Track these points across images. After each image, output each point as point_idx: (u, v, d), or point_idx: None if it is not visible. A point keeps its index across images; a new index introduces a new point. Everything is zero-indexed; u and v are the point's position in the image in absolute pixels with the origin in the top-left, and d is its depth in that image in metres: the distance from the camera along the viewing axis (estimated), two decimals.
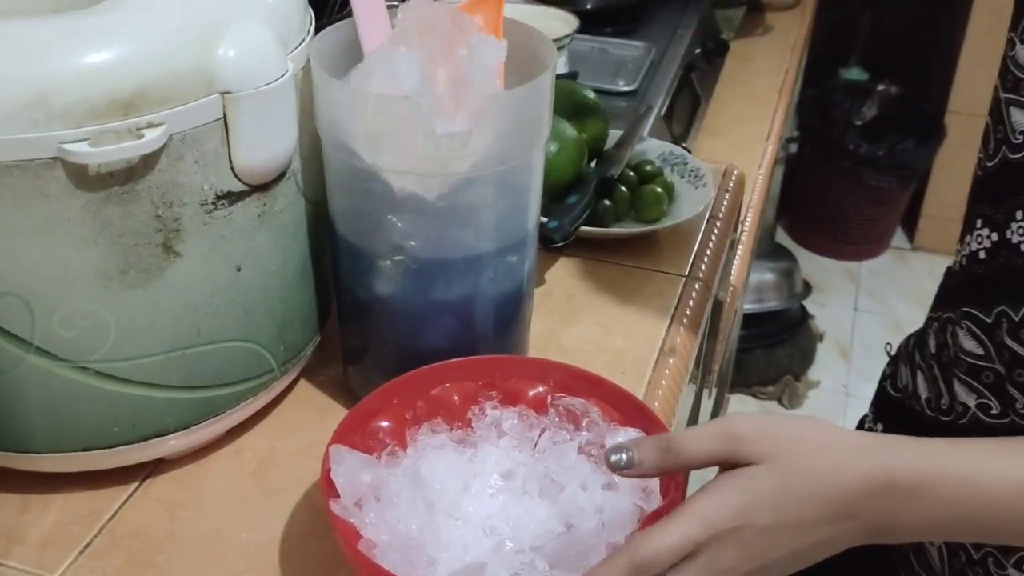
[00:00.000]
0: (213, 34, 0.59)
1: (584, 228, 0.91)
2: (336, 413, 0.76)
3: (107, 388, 0.63)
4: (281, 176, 0.65)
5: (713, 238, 0.98)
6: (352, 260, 0.70)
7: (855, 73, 2.79)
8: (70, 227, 0.57)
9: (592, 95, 1.01)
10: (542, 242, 0.86)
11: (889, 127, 2.63)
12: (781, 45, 2.06)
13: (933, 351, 0.76)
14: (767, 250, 2.25)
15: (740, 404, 2.29)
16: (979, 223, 0.67)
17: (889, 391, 0.84)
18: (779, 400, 2.29)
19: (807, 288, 2.33)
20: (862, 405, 0.94)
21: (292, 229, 0.68)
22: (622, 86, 1.55)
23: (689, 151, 1.48)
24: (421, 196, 0.64)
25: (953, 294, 0.72)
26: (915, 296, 2.64)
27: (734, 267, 1.47)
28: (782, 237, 2.84)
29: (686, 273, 0.92)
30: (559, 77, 1.34)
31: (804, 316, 2.39)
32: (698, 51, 1.81)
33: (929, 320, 0.78)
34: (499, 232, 0.68)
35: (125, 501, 0.68)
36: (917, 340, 0.81)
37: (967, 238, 0.68)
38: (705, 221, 0.99)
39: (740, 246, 1.48)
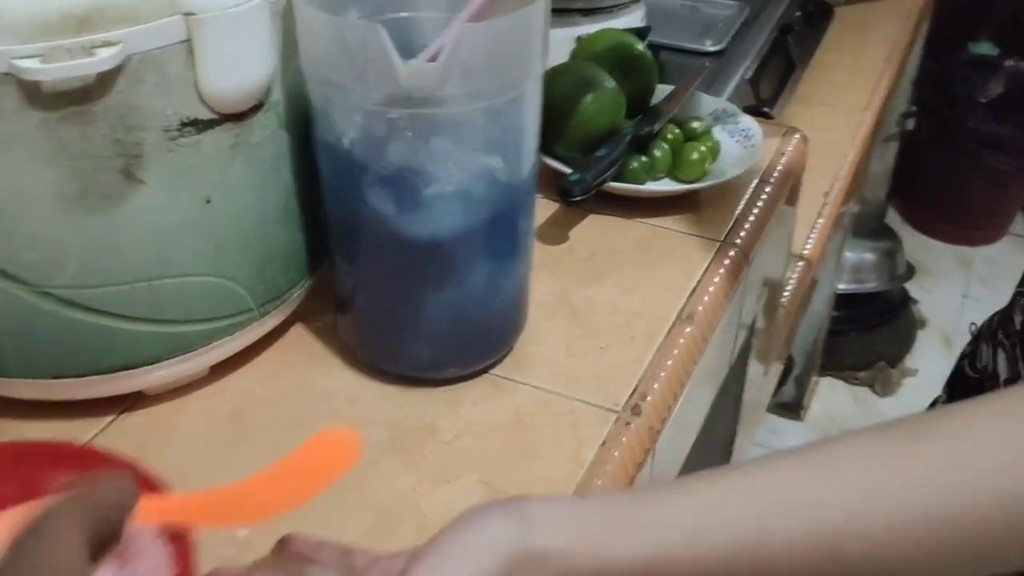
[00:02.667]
0: None
1: (614, 184, 0.86)
2: (325, 360, 0.73)
3: (70, 315, 0.62)
4: (258, 107, 0.62)
5: (760, 203, 0.92)
6: (338, 200, 0.67)
7: (985, 48, 2.62)
8: (26, 146, 0.56)
9: (640, 47, 0.95)
10: (560, 195, 0.82)
11: (1016, 106, 2.47)
12: (899, 13, 1.94)
13: (1019, 328, 0.69)
14: (870, 229, 2.14)
15: (830, 388, 2.19)
16: None
17: (967, 371, 0.78)
18: (872, 386, 2.19)
19: (910, 270, 2.22)
20: None
21: (271, 163, 0.65)
22: (708, 46, 1.49)
23: (767, 113, 1.41)
24: (403, 130, 0.61)
25: None
26: None
27: (810, 240, 1.40)
28: (893, 217, 2.71)
29: (721, 238, 0.86)
30: (630, 31, 1.29)
31: (906, 300, 2.27)
32: (797, 13, 1.73)
33: (1016, 295, 0.72)
34: (487, 169, 0.64)
35: (96, 435, 0.67)
36: (1002, 317, 0.75)
37: None
38: (753, 185, 0.93)
39: (820, 219, 1.41)
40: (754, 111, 1.40)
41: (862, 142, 1.58)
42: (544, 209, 0.89)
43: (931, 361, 2.26)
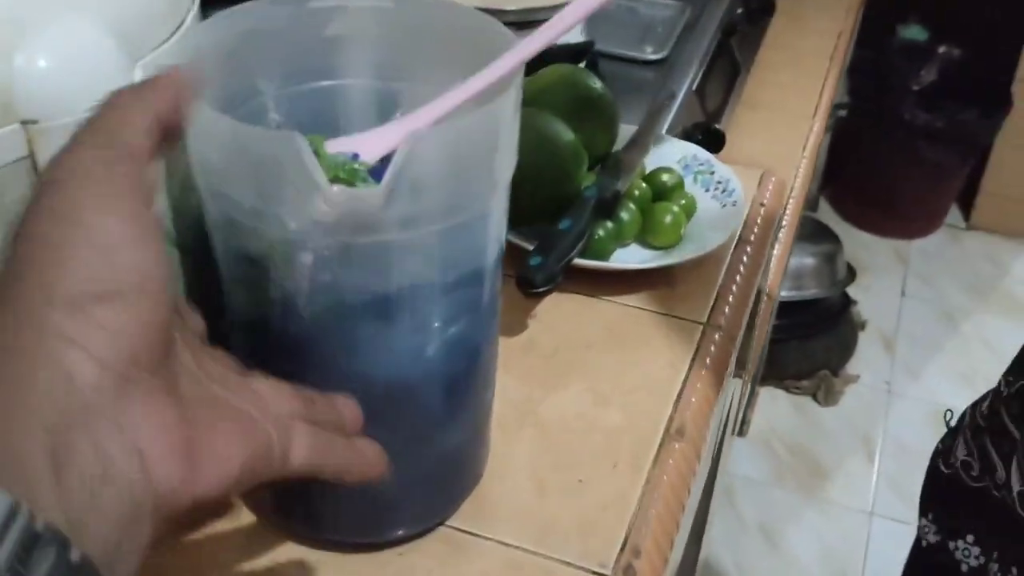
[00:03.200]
0: (13, 34, 0.40)
1: (579, 260, 0.72)
2: (225, 529, 0.58)
3: None
4: None
5: (741, 269, 0.79)
6: (244, 336, 0.52)
7: (914, 32, 2.54)
8: None
9: (599, 86, 0.81)
10: (519, 286, 0.68)
11: (949, 94, 2.40)
12: (834, 3, 1.84)
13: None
14: (808, 231, 2.04)
15: (771, 399, 2.10)
16: None
17: (942, 469, 0.70)
18: (814, 396, 2.10)
19: (851, 274, 2.13)
20: (905, 404, 0.83)
21: None
22: (649, 54, 1.36)
23: (718, 135, 1.29)
24: (330, 262, 0.46)
25: None
26: (967, 281, 2.43)
27: (772, 263, 1.29)
28: (825, 210, 2.63)
29: (704, 320, 0.74)
30: (570, 48, 1.14)
31: (846, 303, 2.18)
32: (740, 11, 1.61)
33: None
34: (440, 303, 0.50)
35: None
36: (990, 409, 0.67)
37: None
38: (732, 248, 0.80)
39: (778, 245, 1.29)
40: (706, 131, 1.28)
41: (812, 154, 1.47)
42: None
43: (873, 366, 2.17)
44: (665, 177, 0.81)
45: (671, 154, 0.85)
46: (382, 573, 0.55)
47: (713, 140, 1.31)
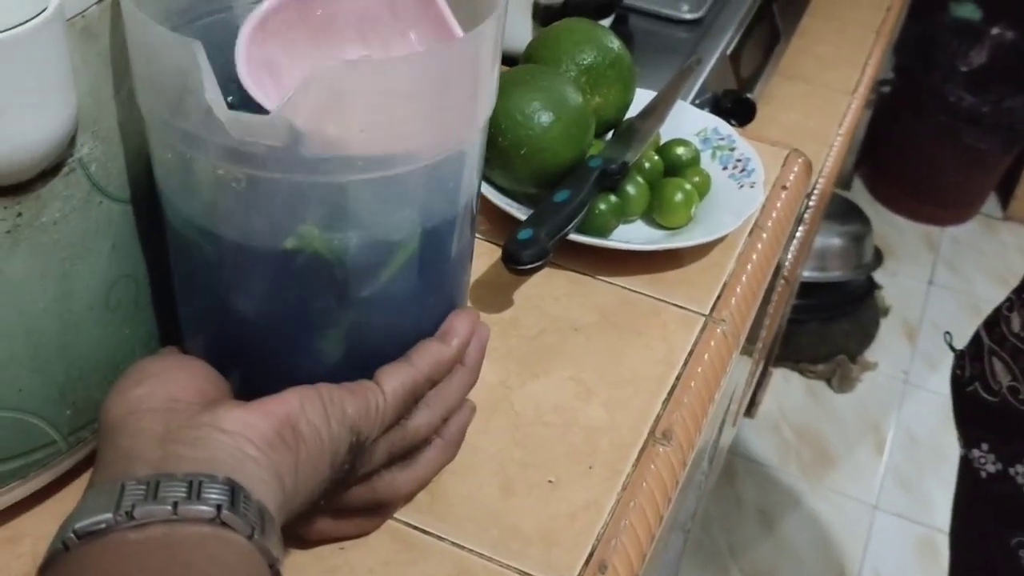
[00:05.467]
0: None
1: (576, 236, 0.66)
2: None
3: None
4: (53, 171, 0.41)
5: (754, 258, 0.72)
6: (188, 290, 0.47)
7: (968, 10, 2.43)
8: None
9: (616, 45, 0.74)
10: (505, 260, 0.62)
11: (998, 78, 2.29)
12: None
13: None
14: (837, 210, 1.96)
15: (784, 381, 2.03)
16: None
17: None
18: (828, 381, 2.03)
19: (878, 257, 2.05)
20: (921, 396, 0.80)
21: (80, 246, 0.44)
22: (685, 12, 1.29)
23: (749, 105, 1.22)
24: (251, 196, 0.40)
25: None
26: (999, 273, 2.34)
27: (794, 245, 1.23)
28: (858, 189, 2.54)
29: (707, 311, 0.67)
30: (595, 1, 1.07)
31: (870, 288, 2.11)
32: None
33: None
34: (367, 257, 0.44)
35: None
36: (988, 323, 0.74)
37: None
38: (747, 235, 0.74)
39: (802, 227, 1.23)
40: (736, 100, 1.21)
41: (848, 132, 1.39)
42: (481, 258, 0.69)
43: (893, 355, 2.10)
44: (680, 150, 0.74)
45: (690, 125, 0.78)
46: (320, 568, 0.50)
47: (743, 110, 1.24)
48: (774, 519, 1.79)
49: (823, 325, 2.00)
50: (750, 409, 1.96)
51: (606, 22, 1.08)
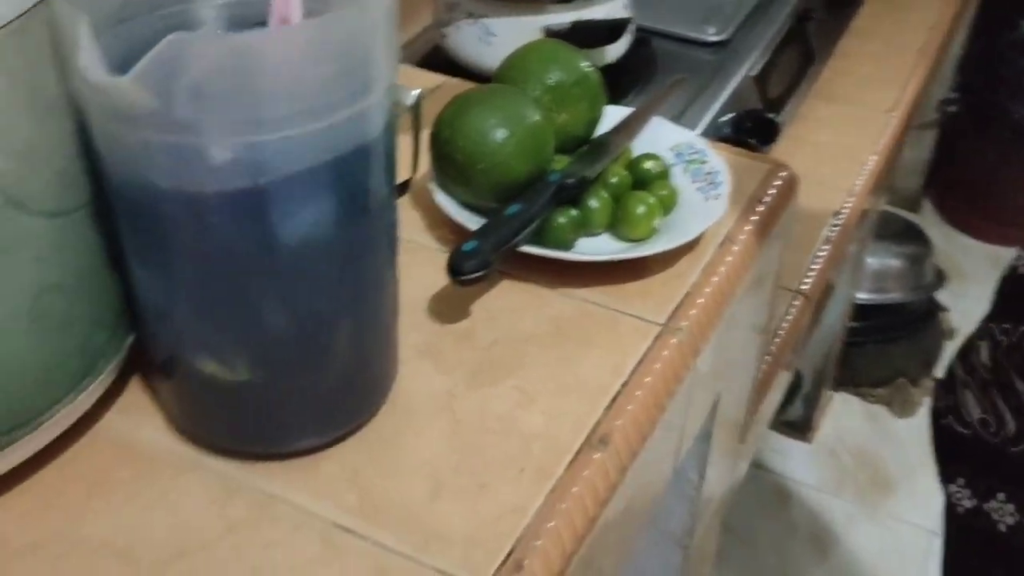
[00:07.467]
0: None
1: (529, 249, 0.68)
2: (114, 488, 0.56)
3: None
4: None
5: (720, 271, 0.73)
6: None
7: None
8: None
9: (584, 64, 0.76)
10: (449, 271, 0.63)
11: None
12: None
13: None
14: (894, 231, 1.93)
15: (843, 405, 2.00)
16: None
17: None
18: (889, 405, 1.99)
19: (939, 278, 2.00)
20: None
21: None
22: (710, 35, 1.29)
23: (770, 125, 1.21)
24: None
25: None
26: None
27: (816, 265, 1.22)
28: (928, 208, 2.49)
29: (663, 321, 0.68)
30: (604, 24, 1.09)
31: (933, 309, 2.06)
32: None
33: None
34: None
35: None
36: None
37: None
38: (717, 247, 0.75)
39: (828, 245, 1.22)
40: (757, 119, 1.21)
41: (886, 152, 1.38)
42: (442, 272, 0.70)
43: None
44: (649, 164, 0.75)
45: (665, 139, 0.79)
46: (242, 568, 0.53)
47: (764, 129, 1.24)
48: (828, 544, 1.76)
49: (881, 347, 1.97)
50: (806, 434, 1.94)
51: (620, 45, 1.10)
